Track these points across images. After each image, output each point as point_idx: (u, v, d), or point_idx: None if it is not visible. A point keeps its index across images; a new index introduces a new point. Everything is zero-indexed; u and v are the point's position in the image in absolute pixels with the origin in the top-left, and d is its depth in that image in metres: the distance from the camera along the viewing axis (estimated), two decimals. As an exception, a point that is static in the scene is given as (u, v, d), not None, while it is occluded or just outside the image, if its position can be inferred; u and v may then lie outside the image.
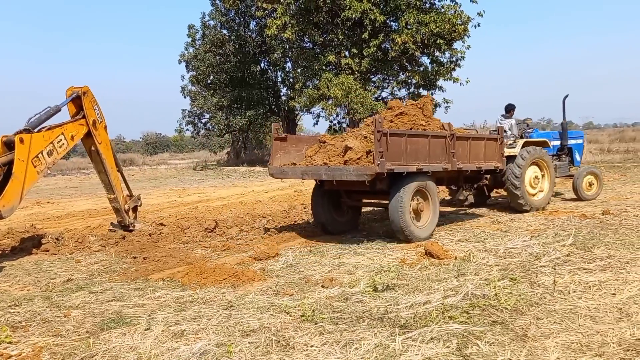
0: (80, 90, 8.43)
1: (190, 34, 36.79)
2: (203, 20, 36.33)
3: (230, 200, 15.55)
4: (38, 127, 7.72)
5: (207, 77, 35.99)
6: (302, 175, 8.14)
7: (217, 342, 4.09)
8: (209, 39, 35.35)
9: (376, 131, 7.24)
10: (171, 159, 57.31)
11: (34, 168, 7.46)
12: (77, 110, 8.52)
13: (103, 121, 8.91)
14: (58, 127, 7.99)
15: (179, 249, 8.01)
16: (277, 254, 7.16)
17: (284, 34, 28.10)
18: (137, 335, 4.37)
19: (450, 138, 8.45)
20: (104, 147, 8.83)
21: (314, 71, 29.12)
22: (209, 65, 34.91)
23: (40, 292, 5.82)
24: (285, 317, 4.66)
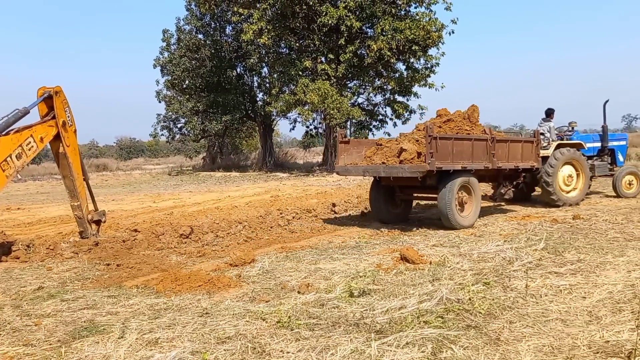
0: (52, 89, 8.29)
1: (165, 39, 36.50)
2: (178, 25, 36.11)
3: (206, 205, 15.43)
4: (6, 130, 7.57)
5: (182, 81, 35.72)
6: (364, 173, 9.86)
7: (192, 349, 4.06)
8: (184, 43, 35.11)
9: (427, 135, 8.60)
10: (146, 164, 56.64)
11: (2, 172, 7.32)
12: (47, 110, 8.36)
13: (73, 125, 8.77)
14: (26, 129, 7.84)
15: (153, 256, 7.92)
16: (253, 259, 7.13)
17: (260, 39, 28.10)
18: (111, 343, 4.31)
19: (491, 141, 9.79)
20: (71, 151, 8.68)
21: (291, 76, 29.17)
22: (184, 70, 34.66)
23: (10, 301, 5.69)
24: (261, 324, 4.64)
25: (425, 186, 9.68)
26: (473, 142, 9.48)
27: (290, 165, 38.17)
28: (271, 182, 25.64)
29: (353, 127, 31.50)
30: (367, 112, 31.44)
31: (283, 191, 19.45)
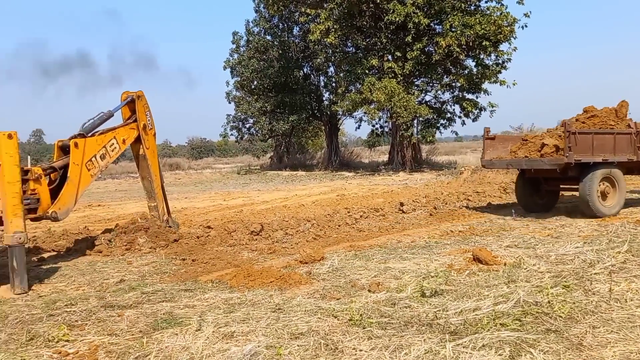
0: (135, 94, 8.70)
1: (235, 41, 37.42)
2: (247, 27, 36.89)
3: (274, 204, 15.69)
4: (92, 131, 7.99)
5: (251, 82, 36.46)
6: (507, 166, 11.14)
7: (267, 344, 4.13)
8: (253, 45, 35.84)
9: (565, 131, 9.41)
10: (216, 163, 58.28)
11: (87, 171, 7.71)
12: (130, 114, 8.78)
13: (153, 128, 9.14)
14: (110, 131, 8.24)
15: (226, 252, 8.13)
16: (322, 257, 7.18)
17: (327, 38, 28.24)
18: (189, 335, 4.46)
19: (635, 134, 10.31)
20: (150, 154, 9.05)
21: (357, 75, 29.14)
22: (252, 71, 35.37)
23: (95, 292, 6.01)
24: (333, 321, 4.66)
25: (567, 178, 10.36)
26: (615, 136, 10.06)
27: (356, 164, 38.13)
28: (337, 181, 25.73)
29: (420, 125, 31.08)
30: (435, 110, 30.89)
31: (349, 190, 19.47)
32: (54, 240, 9.19)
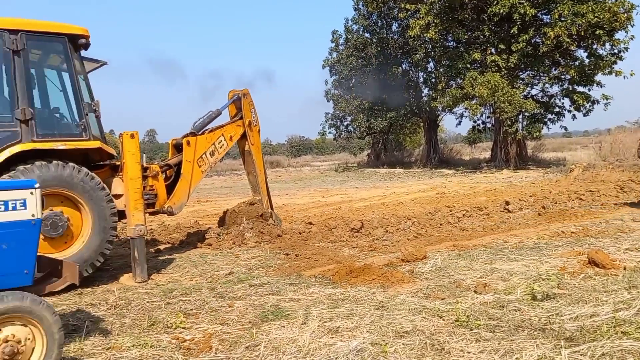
0: (240, 92, 9.08)
1: (334, 39, 37.79)
2: (346, 25, 37.11)
3: (372, 201, 15.69)
4: (202, 130, 8.45)
5: (349, 80, 36.69)
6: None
7: (372, 341, 4.15)
8: (352, 43, 36.02)
9: None
10: (314, 161, 59.29)
11: (198, 168, 8.16)
12: (236, 111, 9.19)
13: (257, 125, 9.48)
14: (219, 128, 8.66)
15: (327, 248, 8.25)
16: (424, 256, 7.08)
17: (427, 34, 27.72)
18: (295, 328, 4.58)
19: None
20: (255, 149, 9.39)
21: (458, 70, 28.35)
22: (351, 69, 35.57)
23: (207, 283, 6.35)
24: (438, 321, 4.59)
25: None
26: None
27: (456, 161, 37.14)
28: (436, 178, 25.23)
29: (525, 120, 29.65)
30: (542, 104, 29.33)
31: (449, 188, 19.01)
32: (168, 233, 9.81)
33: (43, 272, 4.11)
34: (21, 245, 3.65)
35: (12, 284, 3.59)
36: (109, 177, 7.08)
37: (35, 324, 3.45)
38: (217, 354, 4.10)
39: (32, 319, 3.44)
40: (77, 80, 6.55)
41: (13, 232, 3.63)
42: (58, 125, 6.79)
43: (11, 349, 3.33)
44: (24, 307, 3.39)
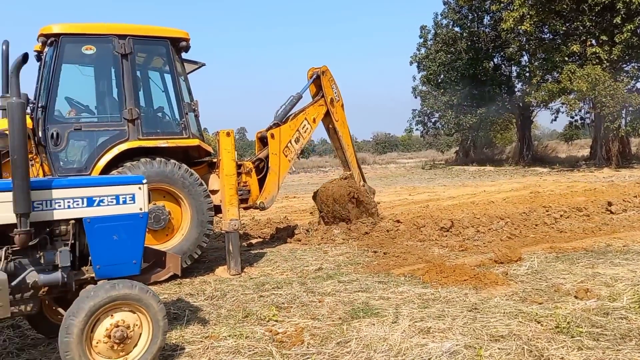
0: (319, 69, 9.00)
1: (423, 35, 37.18)
2: (435, 20, 36.42)
3: (460, 200, 15.29)
4: (284, 117, 8.49)
5: (437, 76, 35.97)
6: None
7: (465, 343, 4.06)
8: (441, 37, 35.28)
9: None
10: (399, 158, 58.68)
11: (285, 157, 8.26)
12: (317, 90, 9.10)
13: (340, 99, 9.33)
14: (301, 113, 8.66)
15: (416, 246, 8.16)
16: (519, 258, 6.82)
17: (521, 26, 26.56)
18: (385, 327, 4.58)
19: None
20: (340, 125, 9.30)
21: (554, 63, 26.99)
22: (440, 64, 34.86)
23: (297, 278, 6.48)
24: (535, 326, 4.41)
25: None
26: None
27: (551, 159, 35.39)
28: (529, 177, 24.16)
29: (629, 115, 27.71)
30: (648, 98, 27.28)
31: (544, 187, 18.14)
32: (259, 227, 10.12)
33: (148, 262, 4.38)
34: (130, 237, 3.94)
35: (121, 273, 3.89)
36: (206, 173, 7.40)
37: (142, 311, 3.69)
38: (308, 348, 4.18)
39: (140, 307, 3.68)
40: (178, 81, 6.90)
41: (123, 224, 3.93)
42: (161, 124, 7.18)
43: (121, 334, 3.57)
44: (133, 294, 3.64)
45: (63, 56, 6.36)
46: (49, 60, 6.45)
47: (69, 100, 6.79)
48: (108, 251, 3.87)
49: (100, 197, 3.91)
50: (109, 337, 3.55)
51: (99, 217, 3.85)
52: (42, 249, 3.70)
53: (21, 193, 3.42)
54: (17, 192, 3.42)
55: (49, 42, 6.39)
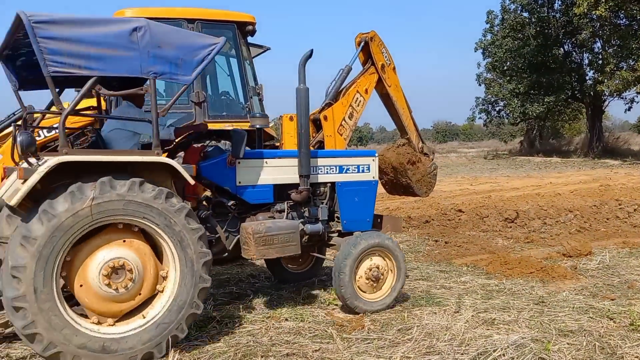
0: (367, 36, 8.66)
1: (489, 20, 35.96)
2: (503, 5, 35.11)
3: (525, 191, 14.80)
4: (336, 94, 8.22)
5: (503, 63, 34.76)
6: None
7: (532, 337, 3.93)
8: (508, 23, 33.98)
9: None
10: (460, 148, 57.35)
11: (340, 136, 8.08)
12: (366, 57, 8.73)
13: (392, 63, 8.87)
14: (352, 86, 8.32)
15: (478, 237, 7.97)
16: (589, 252, 6.54)
17: (595, 11, 25.25)
18: (448, 316, 4.50)
19: None
20: (393, 90, 8.88)
21: (630, 50, 25.61)
22: (506, 51, 33.62)
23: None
24: (607, 323, 4.23)
25: None
26: None
27: (622, 151, 33.62)
28: (599, 169, 23.08)
29: None
30: None
31: (615, 180, 17.30)
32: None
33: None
34: (366, 199, 5.14)
35: (359, 228, 5.05)
36: (269, 157, 7.44)
37: (389, 257, 4.71)
38: (369, 333, 4.17)
39: (388, 253, 4.70)
40: (243, 65, 6.97)
41: (362, 189, 5.14)
42: (226, 107, 7.28)
43: (376, 274, 4.62)
44: (385, 243, 4.67)
45: (135, 40, 6.54)
46: (121, 44, 6.66)
47: (140, 84, 6.99)
48: (351, 210, 5.05)
49: (347, 166, 5.10)
50: (367, 276, 4.60)
51: (346, 182, 5.06)
52: (306, 205, 4.87)
53: (305, 159, 4.59)
54: (302, 158, 4.59)
55: (122, 26, 6.59)
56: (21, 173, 3.37)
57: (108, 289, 3.54)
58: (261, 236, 4.32)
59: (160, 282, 3.80)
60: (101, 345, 3.47)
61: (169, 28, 3.97)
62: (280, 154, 4.93)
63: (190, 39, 4.10)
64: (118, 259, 3.58)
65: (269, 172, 4.69)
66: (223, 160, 4.51)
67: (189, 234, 3.72)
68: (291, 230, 4.47)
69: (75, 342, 3.40)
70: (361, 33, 8.70)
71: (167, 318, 3.70)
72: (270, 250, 4.38)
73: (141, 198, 3.58)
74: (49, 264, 3.34)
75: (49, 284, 3.34)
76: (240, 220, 4.64)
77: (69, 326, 3.40)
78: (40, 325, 3.31)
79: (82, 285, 3.53)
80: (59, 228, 3.35)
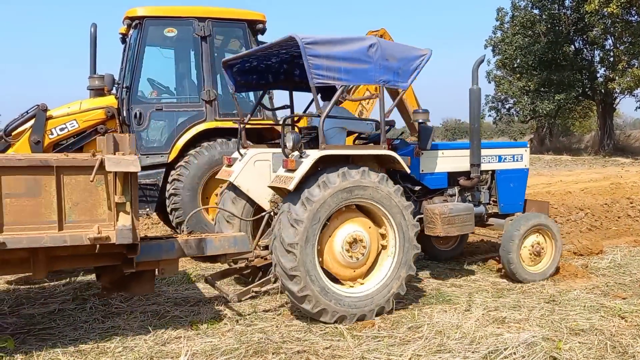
0: (377, 33, 8.67)
1: (499, 17, 35.75)
2: (513, 2, 34.89)
3: (535, 189, 14.70)
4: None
5: (513, 60, 34.53)
6: None
7: (543, 335, 3.93)
8: (519, 20, 33.74)
9: None
10: (470, 145, 57.14)
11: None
12: None
13: None
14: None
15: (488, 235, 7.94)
16: (601, 251, 6.51)
17: (607, 8, 25.03)
18: (458, 314, 4.51)
19: None
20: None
21: (642, 47, 25.31)
22: (516, 48, 33.40)
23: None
24: (619, 322, 4.22)
25: None
26: None
27: (634, 149, 33.33)
28: (610, 167, 22.91)
29: None
30: None
31: (626, 178, 17.14)
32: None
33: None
34: (519, 185, 5.88)
35: (513, 211, 5.76)
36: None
37: (549, 235, 5.42)
38: (379, 331, 4.19)
39: (548, 231, 5.40)
40: (254, 63, 6.98)
41: (516, 175, 5.86)
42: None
43: (537, 249, 5.36)
44: (543, 222, 5.40)
45: (147, 38, 6.60)
46: (133, 43, 6.71)
47: (151, 82, 7.05)
48: (507, 194, 5.78)
49: (505, 156, 5.82)
50: (530, 251, 5.33)
51: (504, 170, 5.79)
52: (471, 190, 5.64)
53: (476, 150, 5.32)
54: (474, 150, 5.31)
55: (134, 24, 6.64)
56: (292, 164, 4.24)
57: (349, 258, 4.44)
58: (446, 216, 4.99)
59: (381, 250, 4.64)
60: (349, 302, 4.35)
61: (391, 43, 5.12)
62: (453, 145, 5.88)
63: (407, 51, 4.81)
64: (354, 233, 4.45)
65: (445, 161, 5.47)
66: (411, 152, 5.25)
67: (404, 210, 4.53)
68: (468, 211, 5.18)
69: (333, 301, 4.27)
70: (371, 30, 8.74)
71: (391, 279, 4.55)
72: (453, 229, 5.06)
73: (369, 182, 4.38)
74: (312, 240, 4.21)
75: (313, 256, 4.23)
76: (419, 202, 5.38)
77: (327, 288, 4.29)
78: (309, 289, 4.19)
79: (328, 256, 4.45)
80: (317, 211, 4.17)
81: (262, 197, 5.26)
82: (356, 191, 4.33)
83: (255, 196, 5.28)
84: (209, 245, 4.33)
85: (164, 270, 4.19)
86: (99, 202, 3.60)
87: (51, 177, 3.45)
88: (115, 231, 3.57)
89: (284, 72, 5.78)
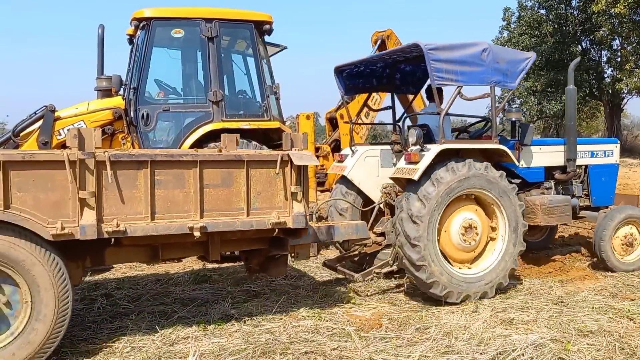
0: (383, 34, 8.61)
1: (506, 17, 35.67)
2: (519, 2, 34.77)
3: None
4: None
5: (520, 60, 34.47)
6: None
7: (551, 337, 3.92)
8: (525, 20, 33.65)
9: None
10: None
11: (357, 135, 8.01)
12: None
13: None
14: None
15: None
16: (608, 252, 6.47)
17: (614, 8, 24.91)
18: (466, 315, 4.50)
19: None
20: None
21: (650, 48, 25.13)
22: (523, 48, 33.28)
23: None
24: (627, 323, 4.20)
25: None
26: None
27: (642, 150, 33.16)
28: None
29: None
30: None
31: (633, 179, 17.07)
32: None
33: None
34: (610, 179, 6.18)
35: (603, 203, 6.07)
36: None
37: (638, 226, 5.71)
38: (387, 332, 4.18)
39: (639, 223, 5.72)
40: (260, 64, 6.98)
41: (607, 170, 6.17)
42: (243, 106, 7.31)
43: (630, 240, 5.65)
44: (637, 214, 5.70)
45: (154, 39, 6.61)
46: (140, 44, 6.72)
47: (158, 82, 7.06)
48: (599, 188, 6.07)
49: (597, 152, 6.15)
50: (623, 242, 5.61)
51: (596, 165, 6.11)
52: (566, 183, 5.94)
53: (573, 146, 5.69)
54: (571, 145, 5.71)
55: (141, 25, 6.66)
56: (416, 157, 4.65)
57: (463, 242, 4.87)
58: (546, 207, 5.37)
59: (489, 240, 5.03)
60: (460, 281, 4.73)
61: (501, 48, 5.46)
62: (549, 142, 6.17)
63: (513, 54, 5.31)
64: (470, 219, 4.88)
65: (542, 156, 5.82)
66: (511, 147, 5.50)
67: (509, 192, 4.93)
68: (566, 203, 5.55)
69: (446, 276, 4.67)
70: (377, 31, 8.70)
71: (497, 268, 4.92)
72: (552, 219, 5.45)
73: (487, 173, 4.81)
74: (435, 216, 4.62)
75: (433, 231, 4.63)
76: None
77: (443, 264, 4.69)
78: (428, 259, 4.58)
79: (444, 240, 4.86)
80: (444, 192, 4.61)
81: (372, 189, 5.83)
82: (473, 180, 4.75)
83: (366, 189, 5.87)
84: (337, 232, 4.72)
85: (298, 254, 4.59)
86: (277, 192, 4.12)
87: (241, 170, 3.97)
88: (291, 217, 4.09)
89: (386, 76, 6.33)
